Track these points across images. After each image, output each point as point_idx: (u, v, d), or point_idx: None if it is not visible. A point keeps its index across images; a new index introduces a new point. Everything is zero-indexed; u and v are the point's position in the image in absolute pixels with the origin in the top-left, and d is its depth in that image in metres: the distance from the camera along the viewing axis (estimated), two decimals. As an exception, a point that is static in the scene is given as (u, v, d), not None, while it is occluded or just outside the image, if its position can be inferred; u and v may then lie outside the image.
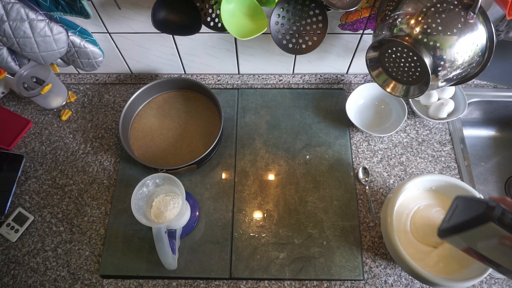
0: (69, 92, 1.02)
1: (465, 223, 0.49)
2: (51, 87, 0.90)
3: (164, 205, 0.78)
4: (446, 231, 0.53)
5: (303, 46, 0.78)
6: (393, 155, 0.92)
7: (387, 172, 0.90)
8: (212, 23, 0.78)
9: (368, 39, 0.90)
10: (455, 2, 0.62)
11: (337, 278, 0.78)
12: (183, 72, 1.06)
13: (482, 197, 0.71)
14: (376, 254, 0.81)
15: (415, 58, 0.66)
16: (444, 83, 0.70)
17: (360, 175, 0.89)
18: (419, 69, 0.67)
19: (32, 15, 0.72)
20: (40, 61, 0.80)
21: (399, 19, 0.66)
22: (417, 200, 0.78)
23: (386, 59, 0.72)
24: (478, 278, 0.65)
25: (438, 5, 0.62)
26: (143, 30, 0.89)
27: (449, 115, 0.93)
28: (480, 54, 0.66)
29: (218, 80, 1.05)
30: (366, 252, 0.81)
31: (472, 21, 0.62)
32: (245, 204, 0.86)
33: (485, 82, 1.02)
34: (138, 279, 0.79)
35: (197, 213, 0.85)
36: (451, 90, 0.94)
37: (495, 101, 1.01)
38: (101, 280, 0.79)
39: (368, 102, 0.98)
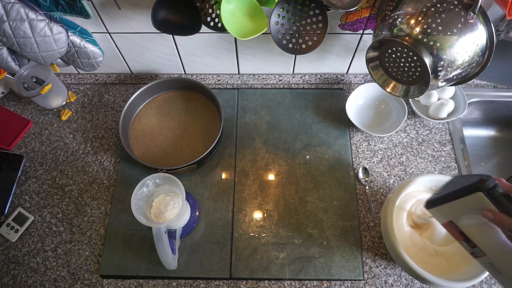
0: (69, 92, 1.02)
1: (454, 192, 0.50)
2: (51, 87, 0.90)
3: (164, 205, 0.78)
4: (434, 201, 0.54)
5: (303, 46, 0.78)
6: (393, 155, 0.92)
7: (387, 172, 0.90)
8: (212, 23, 0.78)
9: (368, 39, 0.90)
10: (455, 2, 0.62)
11: (337, 278, 0.78)
12: (183, 72, 1.06)
13: None
14: (376, 254, 0.81)
15: (415, 58, 0.66)
16: (444, 83, 0.70)
17: (360, 175, 0.89)
18: (419, 69, 0.67)
19: (32, 15, 0.72)
20: (40, 61, 0.80)
21: (399, 19, 0.66)
22: (417, 200, 0.78)
23: (386, 59, 0.72)
24: (478, 278, 0.65)
25: (438, 5, 0.62)
26: (143, 30, 0.89)
27: (449, 115, 0.93)
28: (480, 54, 0.66)
29: (218, 80, 1.05)
30: (366, 252, 0.81)
31: (472, 21, 0.62)
32: (245, 204, 0.86)
33: (485, 82, 1.02)
34: (138, 279, 0.79)
35: (197, 213, 0.85)
36: (451, 90, 0.94)
37: (495, 101, 1.01)
38: (101, 280, 0.79)
39: (368, 102, 0.98)
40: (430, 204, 0.55)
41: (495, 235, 0.48)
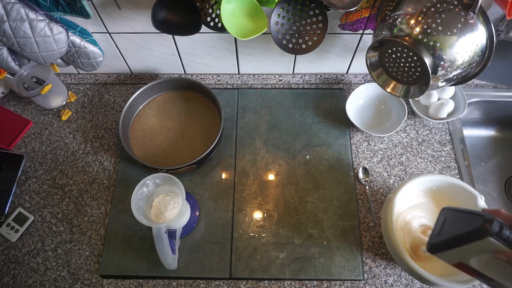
0: (69, 92, 1.02)
1: (459, 238, 0.47)
2: (51, 87, 0.90)
3: (164, 205, 0.78)
4: (438, 246, 0.51)
5: (303, 46, 0.78)
6: (393, 155, 0.92)
7: (387, 172, 0.90)
8: (212, 23, 0.78)
9: (368, 39, 0.90)
10: (455, 2, 0.62)
11: (337, 278, 0.78)
12: (183, 72, 1.06)
13: (481, 198, 0.71)
14: (376, 254, 0.81)
15: (415, 58, 0.66)
16: (444, 83, 0.70)
17: (360, 175, 0.89)
18: (419, 69, 0.67)
19: (32, 15, 0.72)
20: (40, 61, 0.80)
21: (399, 19, 0.66)
22: (417, 200, 0.78)
23: (386, 59, 0.72)
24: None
25: (438, 5, 0.62)
26: (143, 30, 0.89)
27: (449, 115, 0.93)
28: (480, 54, 0.66)
29: (218, 80, 1.05)
30: (366, 252, 0.81)
31: (472, 21, 0.62)
32: (245, 204, 0.86)
33: (485, 82, 1.02)
34: (138, 279, 0.79)
35: (197, 213, 0.85)
36: (451, 90, 0.94)
37: (495, 101, 1.01)
38: (101, 280, 0.79)
39: (368, 102, 0.98)
40: (434, 248, 0.52)
41: (511, 268, 0.46)
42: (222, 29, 0.78)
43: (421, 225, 0.75)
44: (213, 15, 0.77)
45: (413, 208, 0.78)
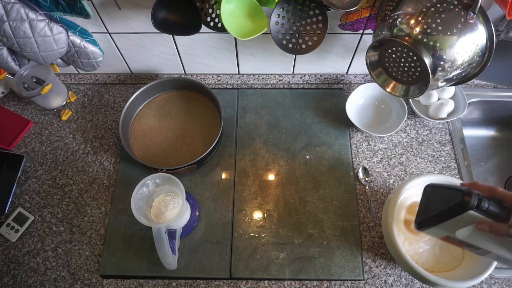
0: (69, 92, 1.02)
1: (443, 214, 0.50)
2: (51, 87, 0.90)
3: (164, 205, 0.78)
4: (424, 223, 0.54)
5: (303, 46, 0.78)
6: (393, 155, 0.92)
7: (387, 172, 0.90)
8: (212, 23, 0.78)
9: (368, 39, 0.90)
10: (455, 2, 0.62)
11: (337, 278, 0.78)
12: (183, 72, 1.06)
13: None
14: (376, 254, 0.81)
15: (415, 58, 0.66)
16: (444, 83, 0.70)
17: (360, 175, 0.89)
18: (419, 69, 0.67)
19: (32, 15, 0.72)
20: (40, 61, 0.80)
21: (399, 19, 0.66)
22: (417, 199, 0.78)
23: (386, 59, 0.72)
24: (479, 278, 0.65)
25: (438, 5, 0.62)
26: (143, 30, 0.89)
27: (449, 115, 0.93)
28: (480, 54, 0.66)
29: (218, 80, 1.05)
30: (366, 252, 0.81)
31: (472, 21, 0.62)
32: (245, 204, 0.86)
33: (485, 82, 1.02)
34: (138, 279, 0.79)
35: (197, 213, 0.85)
36: (451, 90, 0.94)
37: (495, 101, 1.01)
38: (101, 280, 0.79)
39: (368, 102, 0.98)
40: (421, 225, 0.55)
41: (494, 236, 0.48)
42: (222, 29, 0.78)
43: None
44: (213, 15, 0.77)
45: (413, 207, 0.78)
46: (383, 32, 0.69)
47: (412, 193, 0.78)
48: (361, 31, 0.88)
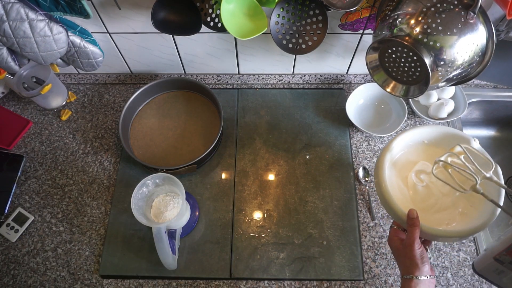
0: (69, 92, 1.02)
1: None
2: (51, 87, 0.90)
3: (164, 205, 0.78)
4: None
5: (303, 46, 0.78)
6: (393, 155, 0.92)
7: (387, 172, 0.90)
8: (212, 23, 0.78)
9: (368, 39, 0.90)
10: (455, 2, 0.62)
11: (337, 278, 0.78)
12: (183, 72, 1.06)
13: (474, 140, 0.67)
14: (376, 254, 0.81)
15: (415, 58, 0.66)
16: (444, 83, 0.70)
17: (360, 175, 0.89)
18: (419, 69, 0.67)
19: (32, 15, 0.72)
20: (40, 61, 0.80)
21: (399, 19, 0.66)
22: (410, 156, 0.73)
23: (386, 59, 0.72)
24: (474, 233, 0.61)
25: (438, 5, 0.62)
26: (143, 30, 0.89)
27: (449, 115, 0.93)
28: (480, 54, 0.66)
29: (218, 80, 1.05)
30: (366, 252, 0.81)
31: (472, 21, 0.62)
32: (245, 204, 0.86)
33: (485, 82, 1.02)
34: (138, 279, 0.79)
35: (197, 213, 0.85)
36: (451, 90, 0.94)
37: (495, 101, 1.01)
38: (101, 280, 0.79)
39: (368, 102, 0.98)
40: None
41: None
42: (222, 29, 0.78)
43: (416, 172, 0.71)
44: (213, 15, 0.77)
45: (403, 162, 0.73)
46: (383, 32, 0.69)
47: (402, 148, 0.73)
48: (361, 31, 0.88)
